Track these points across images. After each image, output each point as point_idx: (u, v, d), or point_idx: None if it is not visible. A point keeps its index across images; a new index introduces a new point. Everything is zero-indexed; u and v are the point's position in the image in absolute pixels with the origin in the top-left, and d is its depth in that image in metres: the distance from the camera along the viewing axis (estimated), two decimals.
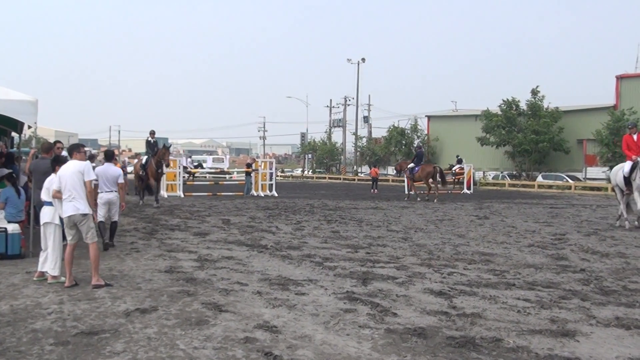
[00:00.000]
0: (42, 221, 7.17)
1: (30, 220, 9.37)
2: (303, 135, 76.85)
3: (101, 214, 9.57)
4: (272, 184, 27.60)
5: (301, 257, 9.16)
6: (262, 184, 27.30)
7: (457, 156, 46.95)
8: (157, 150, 18.91)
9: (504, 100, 47.04)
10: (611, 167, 41.42)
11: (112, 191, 9.78)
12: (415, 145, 28.60)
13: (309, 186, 40.75)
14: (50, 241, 7.06)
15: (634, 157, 13.47)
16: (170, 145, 20.35)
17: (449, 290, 6.79)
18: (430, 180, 24.00)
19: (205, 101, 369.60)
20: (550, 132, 43.89)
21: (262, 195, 26.28)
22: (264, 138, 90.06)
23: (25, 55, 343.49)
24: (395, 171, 33.71)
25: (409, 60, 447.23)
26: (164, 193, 25.87)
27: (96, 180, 7.83)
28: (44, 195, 7.11)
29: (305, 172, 66.76)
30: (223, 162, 71.84)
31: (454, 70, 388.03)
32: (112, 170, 9.90)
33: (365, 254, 9.61)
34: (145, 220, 14.56)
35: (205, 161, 69.86)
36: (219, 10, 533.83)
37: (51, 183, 6.98)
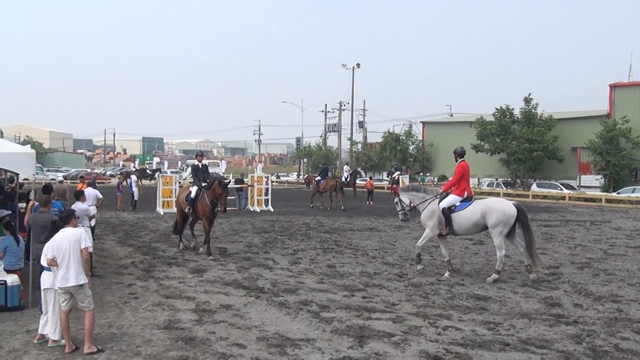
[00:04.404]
0: (42, 286, 7.26)
1: (29, 257, 9.41)
2: (298, 140, 76.93)
3: None
4: (267, 199, 27.73)
5: (298, 304, 9.27)
6: (257, 199, 27.41)
7: (396, 164, 48.72)
8: (213, 184, 13.91)
9: (497, 109, 47.26)
10: (605, 176, 41.97)
11: (82, 226, 10.67)
12: (322, 164, 38.78)
13: (304, 196, 40.83)
14: (50, 306, 7.14)
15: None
16: (229, 182, 15.64)
17: (444, 354, 6.91)
18: (334, 191, 28.76)
19: (201, 104, 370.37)
20: (544, 140, 44.18)
21: (258, 211, 26.38)
22: (259, 141, 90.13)
23: (21, 55, 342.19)
24: (305, 183, 42.22)
25: (404, 65, 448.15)
26: (159, 210, 25.84)
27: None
28: (43, 261, 7.19)
29: (301, 177, 66.84)
30: (219, 166, 71.40)
31: (448, 74, 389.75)
32: (79, 207, 11.12)
33: (361, 298, 9.74)
34: (141, 251, 14.63)
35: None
36: (215, 12, 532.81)
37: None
